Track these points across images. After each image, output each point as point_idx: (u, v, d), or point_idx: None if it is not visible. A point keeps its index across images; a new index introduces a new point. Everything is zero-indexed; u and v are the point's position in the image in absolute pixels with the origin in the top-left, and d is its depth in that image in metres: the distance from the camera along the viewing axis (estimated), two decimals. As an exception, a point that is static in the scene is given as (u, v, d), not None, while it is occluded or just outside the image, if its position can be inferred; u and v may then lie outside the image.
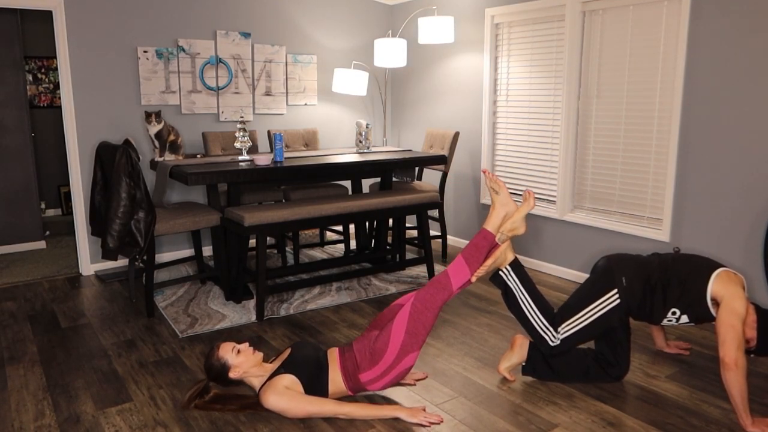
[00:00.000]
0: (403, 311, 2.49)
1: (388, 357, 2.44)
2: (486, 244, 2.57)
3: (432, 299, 2.49)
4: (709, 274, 2.48)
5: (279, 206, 3.70)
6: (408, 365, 2.47)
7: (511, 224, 2.61)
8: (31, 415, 2.48)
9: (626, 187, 3.89)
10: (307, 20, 5.22)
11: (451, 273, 2.53)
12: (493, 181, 2.64)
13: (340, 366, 2.51)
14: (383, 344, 2.46)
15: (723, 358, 2.30)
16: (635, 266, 2.60)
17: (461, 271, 2.52)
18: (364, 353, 2.50)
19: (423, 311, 2.47)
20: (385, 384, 2.50)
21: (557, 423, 2.41)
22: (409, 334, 2.44)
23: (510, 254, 2.67)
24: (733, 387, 2.29)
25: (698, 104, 3.42)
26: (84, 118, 4.32)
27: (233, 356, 2.45)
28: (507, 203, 2.62)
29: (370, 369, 2.47)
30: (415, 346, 2.46)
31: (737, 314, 2.35)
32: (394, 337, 2.44)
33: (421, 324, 2.46)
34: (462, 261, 2.54)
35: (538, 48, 4.33)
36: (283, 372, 2.42)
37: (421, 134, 5.53)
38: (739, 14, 3.20)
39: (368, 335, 2.57)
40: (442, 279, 2.53)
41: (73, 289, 4.10)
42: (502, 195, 2.63)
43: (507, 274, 2.68)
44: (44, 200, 6.56)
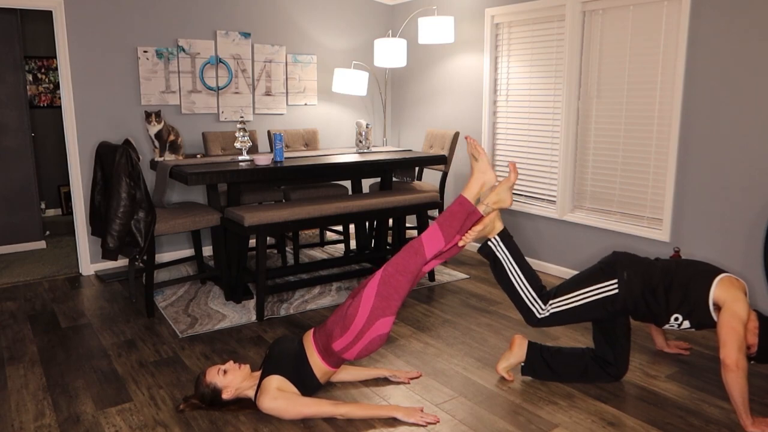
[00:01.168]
0: (374, 276, 2.46)
1: (359, 321, 2.41)
2: (462, 210, 2.51)
3: (404, 263, 2.45)
4: (712, 279, 2.47)
5: (279, 206, 3.70)
6: (381, 331, 2.43)
7: (495, 196, 2.59)
8: (31, 415, 2.49)
9: (626, 187, 3.89)
10: (307, 20, 5.22)
11: (424, 238, 2.49)
12: (473, 147, 2.59)
13: (314, 345, 2.50)
14: (354, 309, 2.43)
15: (724, 360, 2.30)
16: (639, 266, 2.59)
17: (435, 236, 2.48)
18: (336, 322, 2.48)
19: (394, 274, 2.43)
20: (359, 351, 2.45)
21: (557, 423, 2.41)
22: (379, 297, 2.41)
23: (498, 223, 2.64)
24: (734, 388, 2.29)
25: (698, 104, 3.42)
26: (84, 118, 4.32)
27: (221, 378, 2.44)
28: (486, 170, 2.57)
29: (341, 336, 2.44)
30: (388, 310, 2.42)
31: (739, 317, 2.35)
32: (365, 301, 2.42)
33: (392, 288, 2.42)
34: (436, 227, 2.50)
35: (538, 48, 4.33)
36: (267, 374, 2.42)
37: (421, 134, 5.53)
38: (739, 14, 3.20)
39: (342, 306, 2.55)
40: (414, 244, 2.48)
41: (73, 289, 4.10)
42: (481, 162, 2.58)
43: (495, 245, 2.65)
44: (44, 200, 6.56)
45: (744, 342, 2.32)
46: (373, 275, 2.51)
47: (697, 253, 3.52)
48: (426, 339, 3.24)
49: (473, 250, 5.06)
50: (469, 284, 4.18)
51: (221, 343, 3.19)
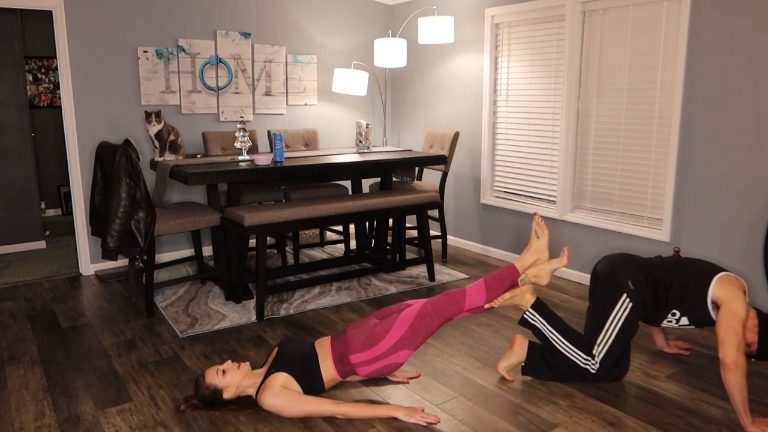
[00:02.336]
0: (412, 308, 2.53)
1: (384, 345, 2.47)
2: (510, 278, 2.64)
3: (443, 307, 2.53)
4: (711, 278, 2.49)
5: (279, 206, 3.69)
6: (399, 361, 2.50)
7: (537, 271, 2.68)
8: (31, 415, 2.48)
9: (626, 187, 3.89)
10: (307, 20, 5.22)
11: (469, 292, 2.58)
12: (539, 226, 2.70)
13: (330, 350, 2.54)
14: (383, 331, 2.49)
15: (723, 359, 2.31)
16: (638, 267, 2.61)
17: (479, 294, 2.58)
18: (358, 336, 2.52)
19: (431, 315, 2.51)
20: (372, 371, 2.51)
21: (557, 423, 2.41)
22: (411, 330, 2.48)
23: (530, 296, 2.70)
24: (733, 387, 2.29)
25: (698, 104, 3.42)
26: (84, 118, 4.32)
27: (220, 378, 2.45)
28: (543, 250, 2.69)
29: (362, 351, 2.49)
30: (412, 344, 2.49)
31: (737, 316, 2.35)
32: (396, 329, 2.48)
33: (424, 325, 2.50)
34: (482, 285, 2.60)
35: (538, 48, 4.33)
36: (275, 371, 2.43)
37: (421, 134, 5.53)
38: (739, 14, 3.20)
39: (367, 322, 2.60)
40: (457, 294, 2.57)
41: (73, 289, 4.10)
42: (543, 242, 2.69)
43: (532, 316, 2.71)
44: (44, 200, 6.56)
45: (743, 341, 2.32)
46: (410, 305, 2.60)
47: (697, 253, 3.52)
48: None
49: (474, 251, 5.06)
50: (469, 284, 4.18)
51: (221, 343, 3.19)
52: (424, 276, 4.36)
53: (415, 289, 4.08)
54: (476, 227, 5.03)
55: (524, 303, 2.70)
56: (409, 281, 4.23)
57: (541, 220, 2.70)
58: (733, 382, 2.29)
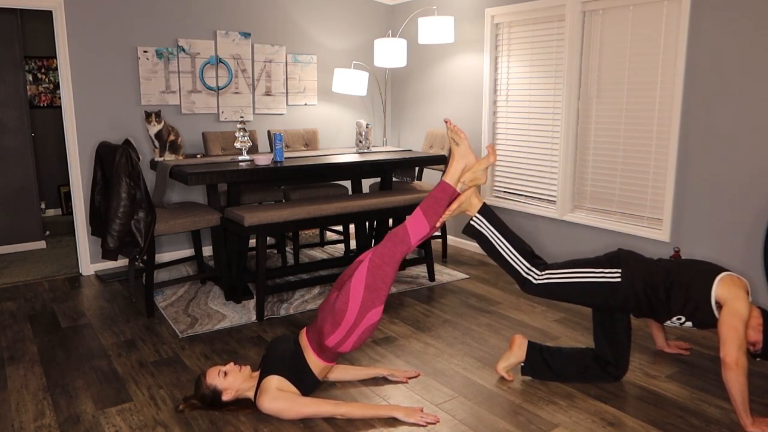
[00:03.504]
0: (361, 268, 2.47)
1: (350, 316, 2.43)
2: (445, 196, 2.56)
3: (390, 253, 2.47)
4: (713, 278, 2.47)
5: (279, 206, 3.70)
6: (373, 320, 2.45)
7: (471, 174, 2.61)
8: (31, 415, 2.48)
9: (626, 187, 3.89)
10: (307, 20, 5.22)
11: (410, 226, 2.51)
12: (454, 132, 2.62)
13: (309, 343, 2.51)
14: (343, 303, 2.44)
15: (724, 358, 2.30)
16: (643, 263, 2.58)
17: (420, 224, 2.51)
18: (326, 318, 2.48)
19: (381, 266, 2.46)
20: (354, 342, 2.48)
21: (557, 423, 2.41)
22: (368, 290, 2.43)
23: (476, 200, 2.64)
24: (734, 387, 2.29)
25: (698, 104, 3.42)
26: (84, 118, 4.32)
27: (221, 380, 2.44)
28: (467, 155, 2.61)
29: (334, 332, 2.45)
30: (377, 301, 2.44)
31: (739, 315, 2.34)
32: (354, 295, 2.43)
33: (380, 279, 2.44)
34: (420, 214, 2.53)
35: (538, 48, 4.33)
36: (266, 375, 2.43)
37: (421, 134, 5.53)
38: (739, 14, 3.20)
39: (328, 299, 2.55)
40: (399, 232, 2.51)
41: (73, 289, 4.10)
42: (463, 146, 2.61)
43: (479, 222, 2.64)
44: (44, 200, 6.56)
45: (744, 340, 2.32)
46: (356, 266, 2.52)
47: (697, 253, 3.52)
48: (426, 339, 3.24)
49: (474, 251, 5.06)
50: (469, 284, 4.18)
51: (221, 343, 3.19)
52: (424, 276, 4.36)
53: (415, 288, 4.08)
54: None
55: (470, 208, 2.64)
56: (409, 281, 4.23)
57: (453, 125, 2.62)
58: (734, 381, 2.28)
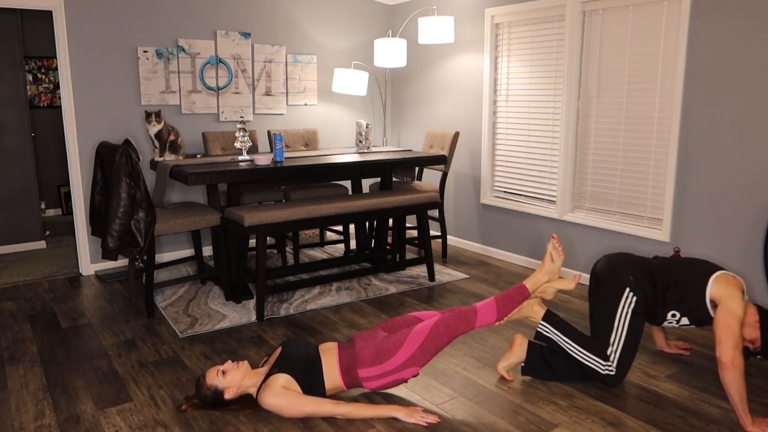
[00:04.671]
0: (424, 325, 2.53)
1: (394, 362, 2.47)
2: (520, 299, 2.65)
3: (454, 327, 2.53)
4: (708, 277, 2.51)
5: (279, 206, 3.70)
6: (406, 376, 2.51)
7: (544, 287, 2.72)
8: (31, 415, 2.48)
9: (626, 187, 3.89)
10: (307, 20, 5.22)
11: (480, 312, 2.58)
12: (556, 250, 2.71)
13: (338, 360, 2.52)
14: (393, 347, 2.49)
15: (720, 358, 2.31)
16: (637, 264, 2.62)
17: (489, 314, 2.58)
18: (367, 349, 2.51)
19: (442, 334, 2.51)
20: (380, 385, 2.52)
21: (557, 423, 2.41)
22: (421, 349, 2.48)
23: (538, 308, 2.71)
24: (731, 386, 2.29)
25: (698, 104, 3.42)
26: (84, 118, 4.32)
27: (221, 379, 2.45)
28: (555, 272, 2.71)
29: (371, 366, 2.48)
30: (421, 362, 2.49)
31: (734, 314, 2.36)
32: (407, 346, 2.48)
33: (435, 345, 2.50)
34: (494, 305, 2.60)
35: (538, 48, 4.33)
36: (277, 372, 2.43)
37: (421, 134, 5.53)
38: (739, 14, 3.20)
39: (375, 334, 2.59)
40: (469, 313, 2.57)
41: (73, 289, 4.10)
42: (556, 265, 2.71)
43: (545, 329, 2.69)
44: (44, 200, 6.56)
45: (740, 339, 2.33)
46: (418, 322, 2.61)
47: (697, 252, 3.52)
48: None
49: (474, 251, 5.06)
50: (469, 284, 4.18)
51: (221, 343, 3.19)
52: (424, 276, 4.36)
53: (415, 289, 4.08)
54: (476, 227, 5.03)
55: (533, 314, 2.70)
56: (409, 281, 4.24)
57: (558, 244, 2.71)
58: (731, 381, 2.29)
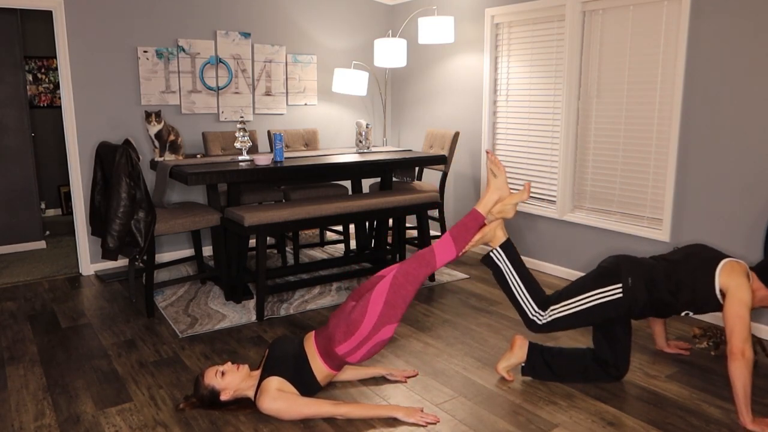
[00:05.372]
0: (383, 283, 2.47)
1: (365, 328, 2.43)
2: (475, 224, 2.58)
3: (415, 273, 2.48)
4: (714, 270, 2.48)
5: (279, 206, 3.70)
6: (385, 337, 2.46)
7: (501, 206, 2.64)
8: (31, 415, 2.49)
9: (626, 187, 3.89)
10: (307, 20, 5.22)
11: (437, 250, 2.53)
12: (494, 164, 2.64)
13: (316, 348, 2.50)
14: (360, 315, 2.44)
15: (731, 349, 2.32)
16: (642, 270, 2.57)
17: (447, 249, 2.53)
18: (339, 326, 2.48)
19: (404, 284, 2.46)
20: (363, 354, 2.48)
21: (557, 423, 2.41)
22: (387, 306, 2.44)
23: (500, 233, 2.66)
24: (738, 378, 2.30)
25: (698, 104, 3.42)
26: (84, 118, 4.32)
27: (219, 380, 2.44)
28: (502, 188, 2.63)
29: (345, 341, 2.45)
30: (393, 318, 2.44)
31: (744, 304, 2.37)
32: (372, 308, 2.43)
33: (400, 297, 2.45)
34: (449, 239, 2.54)
35: (538, 48, 4.33)
36: (268, 375, 2.42)
37: (421, 134, 5.53)
38: (739, 14, 3.20)
39: (344, 308, 2.55)
40: (427, 255, 2.52)
41: (73, 289, 4.10)
42: (500, 179, 2.63)
43: (498, 256, 2.67)
44: (44, 200, 6.56)
45: (750, 330, 2.34)
46: (380, 280, 2.52)
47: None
48: (426, 339, 3.24)
49: (473, 250, 5.06)
50: (469, 284, 4.19)
51: (221, 343, 3.19)
52: (424, 276, 4.35)
53: (415, 289, 4.08)
54: (476, 227, 5.02)
55: (495, 241, 2.66)
56: (409, 281, 4.23)
57: (495, 157, 2.63)
58: (739, 373, 2.29)
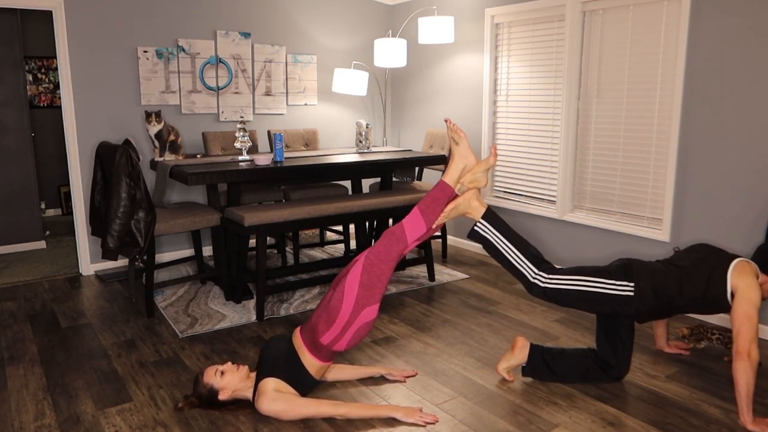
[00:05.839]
0: (356, 266, 2.44)
1: (344, 313, 2.40)
2: (443, 196, 2.51)
3: (386, 251, 2.44)
4: (726, 274, 2.45)
5: (279, 206, 3.70)
6: (368, 318, 2.42)
7: (471, 176, 2.56)
8: (31, 415, 2.48)
9: (626, 187, 3.89)
10: (307, 20, 5.22)
11: (406, 225, 2.47)
12: (454, 131, 2.57)
13: (303, 342, 2.48)
14: (338, 301, 2.41)
15: (737, 349, 2.32)
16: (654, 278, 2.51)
17: (417, 223, 2.47)
18: (321, 316, 2.45)
19: (377, 263, 2.42)
20: (348, 341, 2.44)
21: (557, 423, 2.41)
22: (363, 287, 2.40)
23: (476, 203, 2.57)
24: (741, 378, 2.30)
25: (698, 104, 3.42)
26: (84, 118, 4.32)
27: (218, 379, 2.44)
28: (467, 155, 2.56)
29: (328, 330, 2.42)
30: (372, 299, 2.40)
31: (753, 303, 2.37)
32: (348, 292, 2.40)
33: (375, 276, 2.41)
34: (418, 213, 2.48)
35: (538, 48, 4.33)
36: (262, 377, 2.42)
37: (421, 134, 5.53)
38: (739, 14, 3.20)
39: (324, 298, 2.53)
40: (396, 231, 2.47)
41: (73, 289, 4.10)
42: (462, 146, 2.56)
43: (483, 228, 2.58)
44: (44, 200, 6.56)
45: (757, 331, 2.34)
46: (353, 265, 2.48)
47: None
48: (426, 339, 3.24)
49: (474, 251, 5.06)
50: (469, 284, 4.18)
51: (221, 343, 3.19)
52: (424, 276, 4.36)
53: (415, 289, 4.08)
54: (476, 227, 5.02)
55: (471, 210, 2.57)
56: (409, 281, 4.23)
57: (454, 124, 2.56)
58: (743, 372, 2.29)
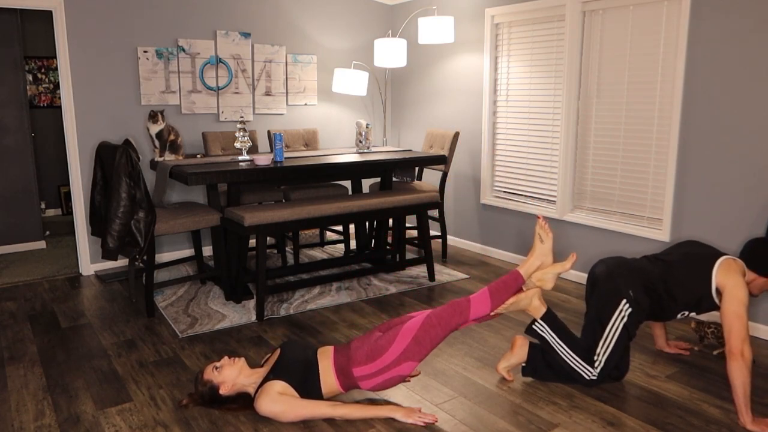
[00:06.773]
0: (415, 319, 2.49)
1: (387, 357, 2.43)
2: (515, 285, 2.57)
3: (447, 318, 2.48)
4: (710, 271, 2.51)
5: (279, 206, 3.70)
6: (404, 373, 2.45)
7: (541, 274, 2.62)
8: (31, 415, 2.49)
9: (626, 187, 3.89)
10: (307, 20, 5.22)
11: (473, 302, 2.52)
12: (543, 230, 2.64)
13: (333, 362, 2.49)
14: (386, 343, 2.45)
15: (730, 349, 2.33)
16: (636, 276, 2.60)
17: (483, 304, 2.52)
18: (361, 349, 2.48)
19: (435, 326, 2.46)
20: (376, 384, 2.47)
21: (557, 423, 2.41)
22: (415, 341, 2.43)
23: (537, 302, 2.63)
24: (737, 378, 2.30)
25: (698, 104, 3.42)
26: (84, 118, 4.32)
27: (216, 375, 2.45)
28: (547, 254, 2.63)
29: (365, 364, 2.44)
30: (417, 356, 2.44)
31: (741, 301, 2.39)
32: (400, 340, 2.43)
33: (429, 336, 2.45)
34: (487, 294, 2.54)
35: (538, 48, 4.33)
36: (273, 378, 2.41)
37: (421, 134, 5.53)
38: (739, 14, 3.20)
39: (370, 335, 2.56)
40: (462, 303, 2.52)
41: (73, 289, 4.10)
42: (546, 246, 2.63)
43: (541, 327, 2.65)
44: (44, 200, 6.56)
45: (747, 329, 2.36)
46: (414, 316, 2.54)
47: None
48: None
49: (474, 251, 5.06)
50: (469, 284, 4.18)
51: (221, 343, 3.19)
52: (424, 276, 4.36)
53: (415, 289, 4.08)
54: (476, 227, 5.03)
55: (531, 309, 2.64)
56: (409, 281, 4.23)
57: (545, 223, 2.64)
58: (738, 372, 2.30)
